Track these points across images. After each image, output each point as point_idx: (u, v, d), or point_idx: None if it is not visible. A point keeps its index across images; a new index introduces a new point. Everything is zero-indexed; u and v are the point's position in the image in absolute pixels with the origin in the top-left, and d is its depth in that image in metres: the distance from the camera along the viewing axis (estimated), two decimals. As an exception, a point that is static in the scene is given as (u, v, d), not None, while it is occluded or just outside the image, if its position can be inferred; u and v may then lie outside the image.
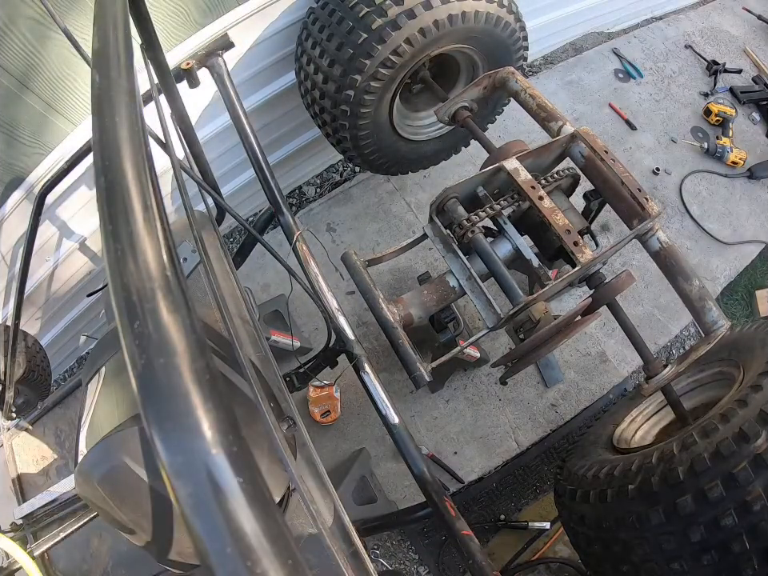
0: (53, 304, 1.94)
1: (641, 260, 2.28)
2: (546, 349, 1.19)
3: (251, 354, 1.04)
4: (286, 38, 1.75)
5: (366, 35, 1.44)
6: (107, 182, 0.42)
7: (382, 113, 1.67)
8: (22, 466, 1.37)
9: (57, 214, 1.67)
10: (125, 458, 0.70)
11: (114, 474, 0.71)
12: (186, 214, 0.68)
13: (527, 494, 2.01)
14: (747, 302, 2.39)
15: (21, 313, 1.46)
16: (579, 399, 2.05)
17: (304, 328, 2.09)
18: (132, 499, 0.73)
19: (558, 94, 2.67)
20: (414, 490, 1.79)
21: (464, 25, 1.49)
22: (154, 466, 0.63)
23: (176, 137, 1.05)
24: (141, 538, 0.78)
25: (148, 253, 0.38)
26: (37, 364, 1.55)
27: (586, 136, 1.31)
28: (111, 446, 0.71)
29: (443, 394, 2.03)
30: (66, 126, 1.49)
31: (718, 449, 0.99)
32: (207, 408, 0.33)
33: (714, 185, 2.53)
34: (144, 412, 0.33)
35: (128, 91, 0.50)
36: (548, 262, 1.38)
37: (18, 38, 1.24)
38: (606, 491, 1.16)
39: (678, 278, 1.30)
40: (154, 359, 0.34)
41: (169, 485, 0.31)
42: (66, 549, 1.18)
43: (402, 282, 2.20)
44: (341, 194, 2.37)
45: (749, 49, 2.96)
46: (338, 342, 1.22)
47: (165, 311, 0.36)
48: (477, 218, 1.22)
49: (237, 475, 0.32)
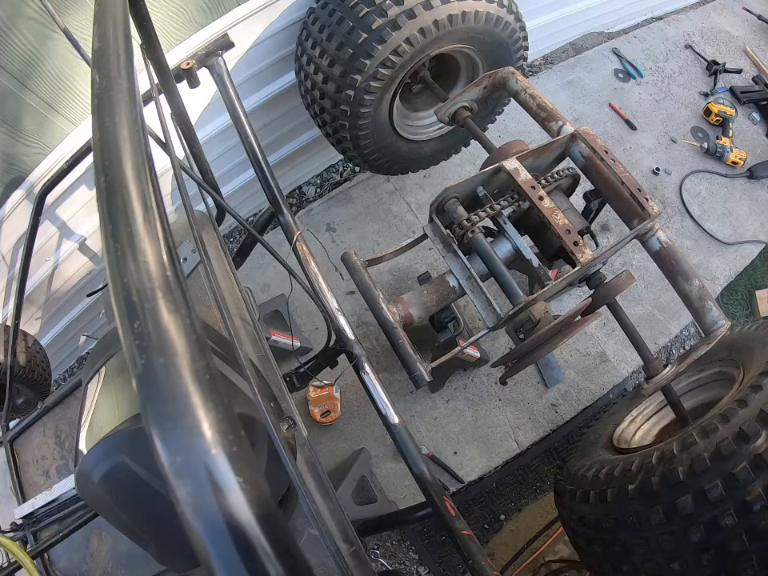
0: (53, 304, 1.94)
1: (641, 260, 2.28)
2: (546, 349, 1.19)
3: (251, 354, 1.04)
4: (286, 38, 1.75)
5: (366, 35, 1.44)
6: (107, 181, 0.42)
7: (382, 113, 1.67)
8: (22, 465, 1.37)
9: (57, 214, 1.67)
10: (124, 457, 0.70)
11: (114, 473, 0.71)
12: (186, 213, 0.68)
13: (527, 494, 2.01)
14: (747, 302, 2.39)
15: (21, 313, 1.46)
16: (579, 399, 2.05)
17: (304, 328, 2.09)
18: (132, 499, 0.73)
19: (558, 94, 2.67)
20: (414, 490, 1.79)
21: (464, 25, 1.49)
22: (154, 466, 0.63)
23: (176, 137, 1.05)
24: (140, 538, 0.78)
25: (148, 253, 0.38)
26: (37, 364, 1.55)
27: (585, 136, 1.31)
28: (111, 445, 0.71)
29: (443, 394, 2.03)
30: (66, 126, 1.49)
31: (718, 449, 0.99)
32: (207, 408, 0.33)
33: (714, 185, 2.53)
34: (144, 412, 0.33)
35: (128, 91, 0.50)
36: (548, 261, 1.38)
37: (18, 38, 1.24)
38: (606, 491, 1.16)
39: (678, 278, 1.30)
40: (154, 359, 0.34)
41: (169, 485, 0.31)
42: (65, 549, 1.18)
43: (402, 281, 2.20)
44: (341, 194, 2.38)
45: (749, 49, 2.96)
46: (337, 342, 1.22)
47: (165, 311, 0.36)
48: (477, 217, 1.22)
49: (237, 475, 0.32)
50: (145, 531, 0.77)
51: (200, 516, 0.31)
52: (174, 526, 0.70)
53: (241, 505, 0.31)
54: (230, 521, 0.31)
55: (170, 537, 0.73)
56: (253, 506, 0.32)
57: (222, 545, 0.31)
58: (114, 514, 0.76)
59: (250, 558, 0.31)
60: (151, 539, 0.78)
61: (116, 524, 0.79)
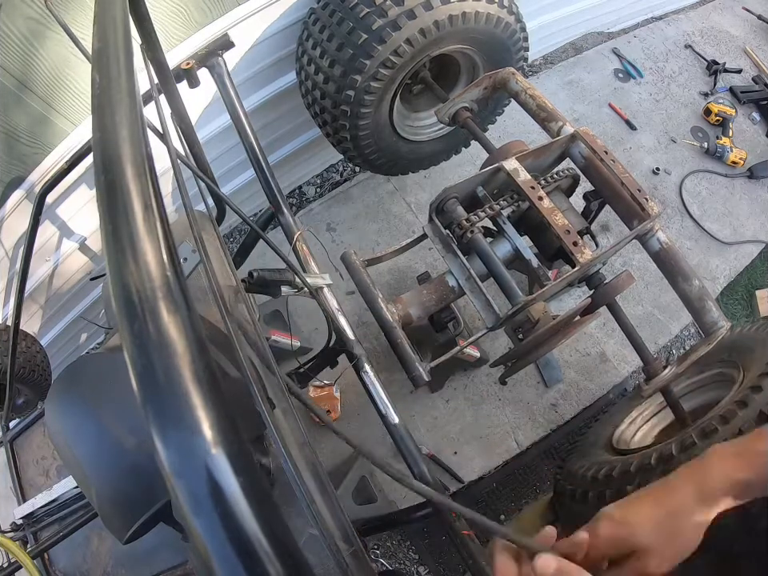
0: (53, 304, 1.94)
1: (641, 260, 2.28)
2: (545, 349, 1.19)
3: (251, 354, 1.04)
4: (287, 38, 1.75)
5: (366, 35, 1.44)
6: (107, 181, 0.42)
7: (382, 113, 1.67)
8: (22, 465, 1.37)
9: (57, 214, 1.67)
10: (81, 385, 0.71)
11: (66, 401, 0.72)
12: (186, 213, 0.68)
13: (527, 494, 2.00)
14: (747, 301, 2.39)
15: (21, 312, 1.46)
16: (579, 399, 2.05)
17: (304, 328, 2.09)
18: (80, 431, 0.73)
19: (557, 94, 2.67)
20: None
21: (464, 25, 1.49)
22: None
23: (176, 137, 1.05)
24: (83, 480, 0.75)
25: (148, 253, 0.38)
26: (37, 364, 1.55)
27: (585, 136, 1.31)
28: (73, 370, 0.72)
29: (443, 394, 2.03)
30: (66, 125, 1.49)
31: (718, 449, 0.99)
32: (207, 408, 0.33)
33: (714, 185, 2.53)
34: (144, 412, 0.33)
35: (128, 91, 0.50)
36: (547, 262, 1.38)
37: (18, 38, 1.24)
38: (605, 492, 1.16)
39: (678, 278, 1.30)
40: (154, 359, 0.34)
41: (169, 484, 0.31)
42: (65, 549, 1.18)
43: (402, 281, 2.20)
44: (341, 194, 2.38)
45: (749, 49, 2.96)
46: (338, 342, 1.21)
47: (165, 311, 0.36)
48: (476, 218, 1.22)
49: (237, 475, 0.32)
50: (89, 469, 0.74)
51: (200, 516, 0.31)
52: (119, 471, 0.68)
53: (241, 505, 0.31)
54: (230, 521, 0.31)
55: (113, 483, 0.71)
56: (253, 505, 0.32)
57: (222, 545, 0.31)
58: (67, 451, 0.75)
59: (250, 557, 0.31)
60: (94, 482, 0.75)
61: (65, 461, 0.78)
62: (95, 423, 0.71)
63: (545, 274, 1.23)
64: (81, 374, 0.79)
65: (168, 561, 1.00)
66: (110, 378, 0.76)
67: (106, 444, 0.70)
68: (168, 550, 1.00)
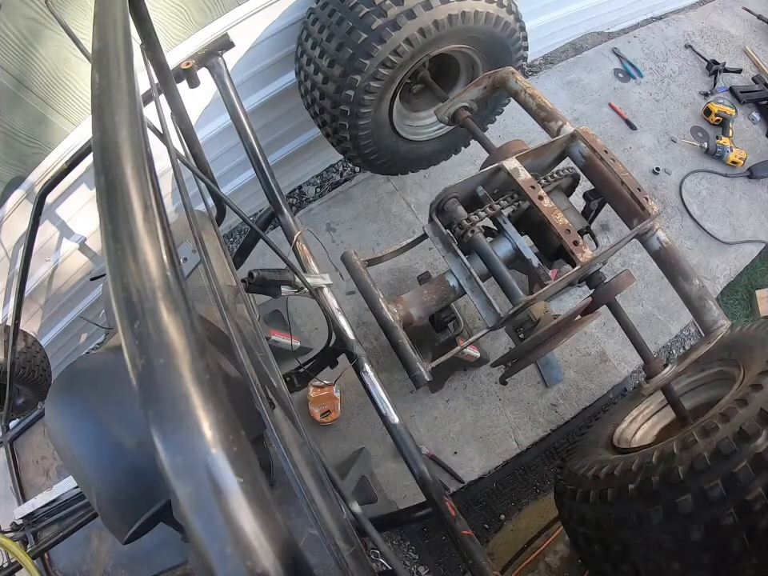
0: (53, 304, 1.94)
1: (641, 260, 2.28)
2: (546, 348, 1.19)
3: (251, 355, 1.04)
4: (286, 38, 1.75)
5: (365, 35, 1.44)
6: (107, 181, 0.42)
7: (381, 113, 1.67)
8: (22, 466, 1.37)
9: (57, 214, 1.67)
10: (84, 388, 0.71)
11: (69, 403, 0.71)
12: (186, 213, 0.68)
13: (527, 494, 2.01)
14: (747, 301, 2.39)
15: (21, 313, 1.46)
16: (579, 399, 2.05)
17: (304, 328, 2.09)
18: (82, 432, 0.73)
19: (557, 94, 2.67)
20: (414, 490, 1.79)
21: (464, 25, 1.49)
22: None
23: (176, 137, 1.05)
24: (84, 480, 0.75)
25: (148, 253, 0.38)
26: (37, 364, 1.55)
27: (585, 136, 1.31)
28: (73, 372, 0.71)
29: (443, 394, 2.03)
30: (66, 125, 1.49)
31: (719, 448, 0.99)
32: (207, 408, 0.33)
33: (714, 184, 2.53)
34: (144, 412, 0.33)
35: (128, 91, 0.50)
36: (548, 261, 1.38)
37: (18, 38, 1.24)
38: (606, 491, 1.16)
39: (678, 278, 1.30)
40: (154, 359, 0.34)
41: (169, 484, 0.31)
42: (65, 549, 1.18)
43: (402, 281, 2.20)
44: (341, 194, 2.38)
45: (749, 49, 2.96)
46: (338, 342, 1.21)
47: (165, 311, 0.36)
48: (477, 217, 1.22)
49: (237, 475, 0.32)
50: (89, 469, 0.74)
51: (200, 516, 0.31)
52: (119, 471, 0.68)
53: (241, 505, 0.31)
54: (230, 521, 0.31)
55: (113, 483, 0.71)
56: (253, 506, 0.32)
57: (223, 545, 0.31)
58: (67, 451, 0.75)
59: (251, 557, 0.31)
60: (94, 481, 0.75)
61: (65, 461, 0.77)
62: (95, 423, 0.71)
63: (545, 274, 1.23)
64: (81, 373, 0.79)
65: (168, 561, 1.01)
66: (110, 378, 0.76)
67: (105, 444, 0.70)
68: (168, 549, 1.00)
